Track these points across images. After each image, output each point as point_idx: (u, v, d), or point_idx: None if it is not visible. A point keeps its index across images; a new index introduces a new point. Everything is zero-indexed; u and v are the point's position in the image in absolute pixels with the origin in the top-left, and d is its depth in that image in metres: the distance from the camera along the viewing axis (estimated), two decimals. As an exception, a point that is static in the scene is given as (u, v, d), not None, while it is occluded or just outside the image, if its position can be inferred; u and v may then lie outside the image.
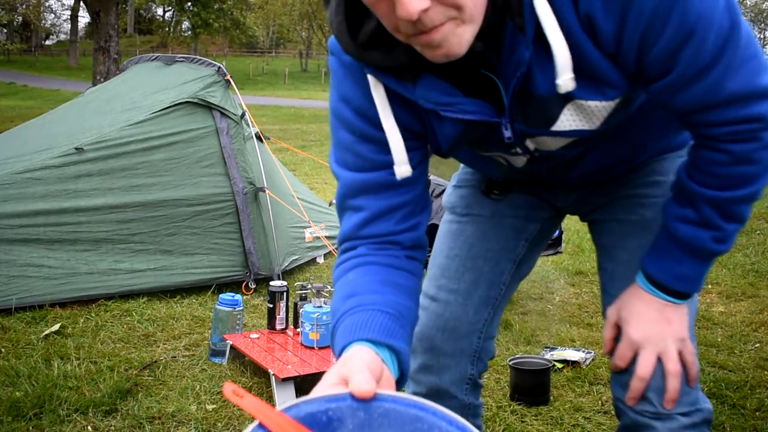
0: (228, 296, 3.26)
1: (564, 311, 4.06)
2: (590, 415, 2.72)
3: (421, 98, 1.06)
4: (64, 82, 31.14)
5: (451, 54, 0.95)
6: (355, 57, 1.04)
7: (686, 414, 1.23)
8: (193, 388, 2.85)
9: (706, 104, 1.03)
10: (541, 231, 1.50)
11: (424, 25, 0.91)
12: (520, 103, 1.06)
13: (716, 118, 1.04)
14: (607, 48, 0.98)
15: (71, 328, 3.47)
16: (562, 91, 1.00)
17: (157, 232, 4.06)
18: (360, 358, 0.91)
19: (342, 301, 1.07)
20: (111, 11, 15.68)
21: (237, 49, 54.86)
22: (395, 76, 1.05)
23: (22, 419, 2.53)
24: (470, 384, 1.49)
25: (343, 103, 1.13)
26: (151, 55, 5.16)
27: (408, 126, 1.12)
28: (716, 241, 1.14)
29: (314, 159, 8.78)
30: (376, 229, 1.15)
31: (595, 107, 1.05)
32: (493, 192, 1.43)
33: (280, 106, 22.15)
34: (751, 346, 3.49)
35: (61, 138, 4.25)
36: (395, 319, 1.03)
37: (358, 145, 1.13)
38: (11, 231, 3.71)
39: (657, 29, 0.95)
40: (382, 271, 1.12)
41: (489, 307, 1.46)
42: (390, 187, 1.13)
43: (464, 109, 1.06)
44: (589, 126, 1.09)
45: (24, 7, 43.11)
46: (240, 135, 4.34)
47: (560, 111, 1.06)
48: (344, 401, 0.80)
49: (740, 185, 1.09)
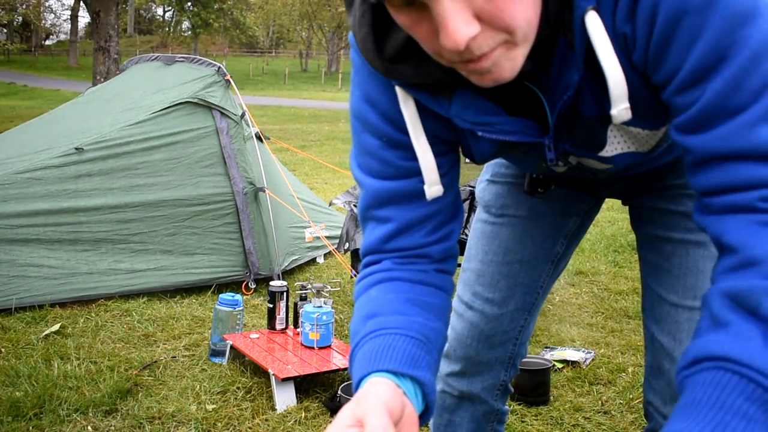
0: (228, 296, 3.26)
1: (564, 311, 4.06)
2: (590, 415, 2.72)
3: (456, 117, 0.95)
4: (64, 82, 31.14)
5: (501, 79, 0.83)
6: (383, 74, 0.92)
7: None
8: (193, 388, 2.85)
9: (730, 153, 0.80)
10: (581, 224, 1.43)
11: (472, 54, 0.78)
12: (566, 124, 0.96)
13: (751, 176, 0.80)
14: (641, 67, 0.85)
15: (71, 328, 3.47)
16: (617, 122, 0.88)
17: (157, 232, 4.06)
18: (377, 397, 0.79)
19: (362, 322, 0.96)
20: (111, 11, 15.68)
21: (237, 49, 54.88)
22: (429, 92, 0.94)
23: (22, 419, 2.53)
24: (501, 390, 1.47)
25: (367, 105, 1.01)
26: (151, 55, 5.16)
27: (440, 135, 1.01)
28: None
29: (314, 159, 8.77)
30: (405, 242, 1.03)
31: (638, 134, 0.95)
32: (537, 190, 1.31)
33: (280, 106, 22.15)
34: (751, 346, 3.48)
35: (61, 138, 4.25)
36: (421, 344, 0.92)
37: (385, 151, 1.01)
38: (11, 231, 3.71)
39: (684, 43, 0.80)
40: (407, 288, 1.00)
41: (525, 312, 1.42)
42: (419, 196, 1.01)
43: (504, 130, 0.95)
44: (640, 149, 0.98)
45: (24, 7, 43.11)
46: (240, 135, 4.34)
47: (605, 134, 0.96)
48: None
49: None
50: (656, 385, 1.24)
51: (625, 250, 5.43)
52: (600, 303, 4.21)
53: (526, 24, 0.78)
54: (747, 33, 0.77)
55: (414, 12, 0.78)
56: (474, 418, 1.48)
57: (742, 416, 0.70)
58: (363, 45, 0.90)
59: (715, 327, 0.77)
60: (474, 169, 4.44)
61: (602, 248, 5.54)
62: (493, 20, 0.76)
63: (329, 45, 44.50)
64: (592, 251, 5.42)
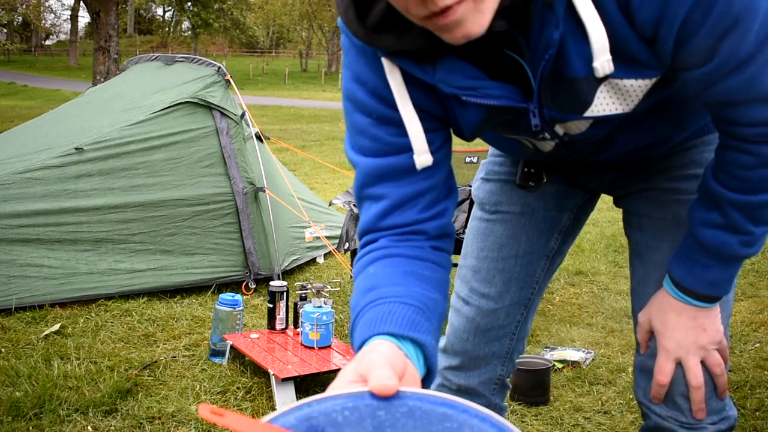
0: (228, 296, 3.26)
1: (564, 311, 4.06)
2: (590, 415, 2.72)
3: (441, 82, 0.98)
4: (64, 82, 31.13)
5: (470, 34, 0.86)
6: (366, 42, 0.96)
7: (714, 423, 1.21)
8: (193, 388, 2.85)
9: (739, 100, 0.96)
10: (575, 220, 1.45)
11: (436, 5, 0.82)
12: (550, 88, 0.99)
13: (747, 116, 0.97)
14: (644, 32, 0.92)
15: (71, 328, 3.47)
16: (600, 74, 0.94)
17: (157, 232, 4.06)
18: (380, 353, 0.81)
19: (361, 295, 0.98)
20: (111, 11, 15.69)
21: (237, 49, 54.88)
22: (413, 59, 0.97)
23: (22, 419, 2.53)
24: (498, 384, 1.49)
25: (357, 84, 1.04)
26: (151, 55, 5.16)
27: (428, 109, 1.04)
28: (744, 245, 1.08)
29: (314, 159, 8.77)
30: (399, 219, 1.05)
31: (630, 86, 0.98)
32: (529, 183, 1.35)
33: (280, 106, 22.14)
34: (751, 346, 3.48)
35: (61, 138, 4.25)
36: (420, 311, 0.94)
37: (375, 128, 1.04)
38: (11, 231, 3.71)
39: (698, 18, 0.89)
40: (405, 263, 1.02)
41: (521, 307, 1.44)
42: (412, 172, 1.04)
43: (488, 94, 0.98)
44: (623, 108, 1.02)
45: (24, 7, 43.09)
46: (240, 135, 4.34)
47: (594, 93, 0.99)
48: (362, 400, 0.72)
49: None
50: (643, 384, 1.26)
51: (625, 250, 5.42)
52: (600, 303, 4.21)
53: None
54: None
55: None
56: None
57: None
58: (346, 17, 0.94)
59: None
60: (473, 169, 4.44)
61: (602, 248, 5.54)
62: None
63: (329, 45, 44.48)
64: (592, 251, 5.42)
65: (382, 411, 0.71)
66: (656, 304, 1.20)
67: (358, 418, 0.71)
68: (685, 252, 1.13)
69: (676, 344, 1.17)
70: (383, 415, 0.71)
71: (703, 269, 1.11)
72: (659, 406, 1.23)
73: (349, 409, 0.72)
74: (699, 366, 1.17)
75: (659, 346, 1.19)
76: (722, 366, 1.18)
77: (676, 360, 1.18)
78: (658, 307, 1.19)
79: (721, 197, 1.06)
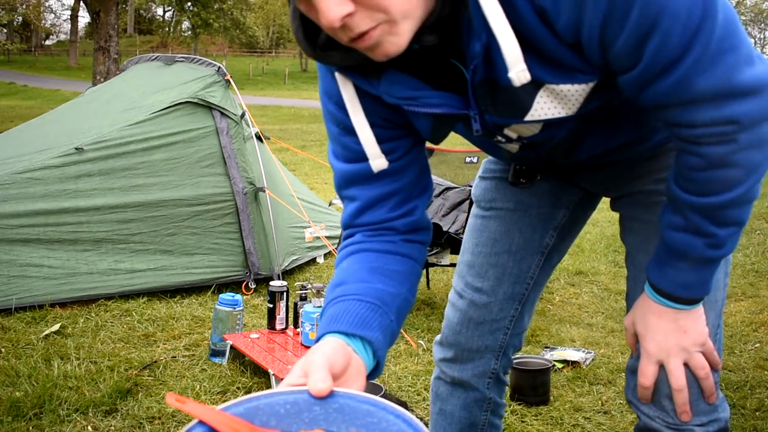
0: (228, 296, 3.26)
1: (564, 311, 4.06)
2: (590, 415, 2.72)
3: (384, 94, 1.04)
4: (64, 82, 31.13)
5: (388, 54, 0.92)
6: (316, 60, 1.03)
7: (702, 425, 1.21)
8: (193, 388, 2.85)
9: (675, 102, 0.95)
10: (572, 217, 1.46)
11: (351, 31, 0.88)
12: (488, 94, 1.02)
13: (687, 117, 0.96)
14: (566, 39, 0.93)
15: (71, 328, 3.47)
16: (516, 84, 0.95)
17: (157, 232, 4.06)
18: (322, 353, 0.91)
19: (331, 289, 1.10)
20: (111, 11, 15.69)
21: (237, 49, 54.87)
22: (361, 73, 1.03)
23: (22, 419, 2.53)
24: (492, 378, 1.51)
25: (325, 97, 1.14)
26: (151, 55, 5.16)
27: (388, 117, 1.11)
28: (711, 247, 1.07)
29: (314, 159, 8.78)
30: (370, 218, 1.15)
31: (568, 91, 0.99)
32: (520, 181, 1.39)
33: (280, 106, 22.15)
34: (751, 346, 3.49)
35: (61, 138, 4.25)
36: (375, 308, 1.04)
37: (343, 137, 1.13)
38: (11, 231, 3.71)
39: (616, 23, 0.89)
40: (374, 258, 1.12)
41: (515, 302, 1.46)
42: (377, 176, 1.13)
43: (428, 103, 1.03)
44: (566, 112, 1.03)
45: (24, 7, 43.10)
46: (240, 135, 4.34)
47: (533, 98, 1.00)
48: (302, 396, 0.86)
49: (722, 190, 1.01)
50: (632, 384, 1.27)
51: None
52: (600, 303, 4.21)
53: (403, 3, 0.87)
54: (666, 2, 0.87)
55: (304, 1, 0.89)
56: (466, 404, 1.52)
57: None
58: (296, 36, 1.00)
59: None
60: (474, 169, 4.44)
61: (602, 248, 5.54)
62: (366, 1, 0.86)
63: (329, 45, 44.34)
64: (592, 251, 5.42)
65: (318, 406, 0.85)
66: (639, 307, 1.21)
67: (297, 411, 0.85)
68: (659, 255, 1.14)
69: (656, 347, 1.18)
70: (318, 410, 0.85)
71: (676, 272, 1.12)
72: (647, 407, 1.24)
73: (290, 403, 0.85)
74: (680, 368, 1.17)
75: (642, 349, 1.21)
76: (706, 369, 1.17)
77: (658, 362, 1.19)
78: (641, 311, 1.20)
79: (680, 200, 1.06)
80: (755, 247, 5.64)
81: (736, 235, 1.08)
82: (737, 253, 5.40)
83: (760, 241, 5.84)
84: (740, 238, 1.13)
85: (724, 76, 0.91)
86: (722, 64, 0.91)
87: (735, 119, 0.94)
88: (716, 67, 0.91)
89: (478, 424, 1.54)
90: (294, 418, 0.85)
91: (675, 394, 1.18)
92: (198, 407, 0.82)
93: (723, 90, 0.92)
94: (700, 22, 0.88)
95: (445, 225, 4.02)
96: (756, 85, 0.93)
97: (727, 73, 0.91)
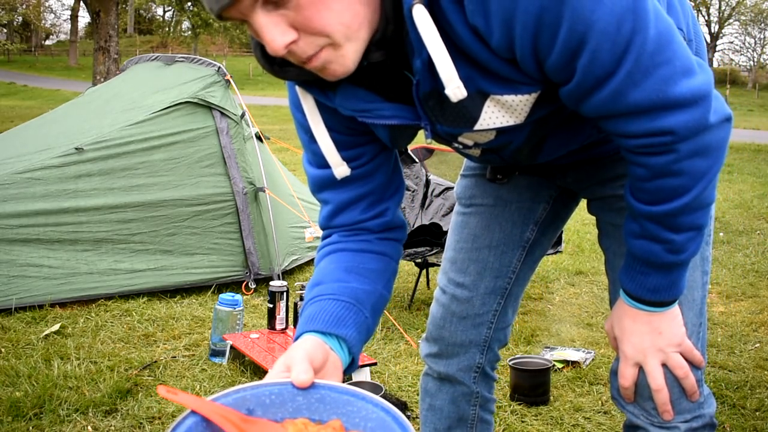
0: (228, 296, 3.26)
1: (564, 311, 4.06)
2: (590, 415, 2.72)
3: (340, 106, 1.08)
4: (64, 82, 31.12)
5: (336, 74, 0.96)
6: (275, 75, 1.06)
7: (687, 421, 1.22)
8: (193, 388, 2.85)
9: (612, 113, 0.97)
10: (552, 211, 1.47)
11: (298, 56, 0.93)
12: (437, 105, 1.04)
13: (625, 129, 0.98)
14: (502, 54, 0.94)
15: (71, 328, 3.47)
16: (454, 100, 0.97)
17: (157, 232, 4.06)
18: (302, 349, 0.98)
19: (310, 288, 1.16)
20: (111, 11, 15.68)
21: (237, 49, 54.87)
22: (318, 87, 1.08)
23: (22, 419, 2.53)
24: (479, 372, 1.52)
25: (294, 107, 1.18)
26: (151, 55, 5.16)
27: (351, 126, 1.14)
28: (670, 252, 1.09)
29: (314, 159, 8.76)
30: (343, 220, 1.21)
31: (512, 101, 1.01)
32: (497, 177, 1.42)
33: (280, 106, 22.14)
34: (751, 346, 3.49)
35: (61, 138, 4.25)
36: (349, 306, 1.10)
37: (312, 144, 1.18)
38: (11, 231, 3.71)
39: (546, 41, 0.90)
40: (349, 258, 1.18)
41: (497, 296, 1.48)
42: (346, 181, 1.18)
43: (380, 114, 1.07)
44: (514, 120, 1.04)
45: (24, 7, 43.09)
46: (240, 135, 4.34)
47: (481, 108, 1.02)
48: (286, 387, 0.92)
49: (671, 198, 1.02)
50: (616, 384, 1.28)
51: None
52: (600, 303, 4.21)
53: (343, 27, 0.91)
54: (596, 17, 0.88)
55: (250, 26, 0.92)
56: (454, 399, 1.54)
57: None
58: (255, 54, 1.03)
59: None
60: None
61: (602, 248, 5.53)
62: (307, 28, 0.90)
63: (329, 45, 44.40)
64: (592, 251, 5.42)
65: (300, 397, 0.91)
66: (615, 311, 1.23)
67: (281, 401, 0.91)
68: (627, 261, 1.16)
69: (633, 349, 1.20)
70: (301, 400, 0.91)
71: (643, 276, 1.14)
72: (631, 405, 1.26)
73: (275, 394, 0.91)
74: (658, 369, 1.18)
75: (620, 352, 1.23)
76: (684, 368, 1.18)
77: (636, 364, 1.21)
78: (617, 315, 1.22)
79: (634, 209, 1.08)
80: (755, 247, 5.63)
81: (695, 239, 1.09)
82: (737, 253, 5.40)
83: (760, 241, 5.84)
84: (740, 238, 1.13)
85: (658, 88, 0.92)
86: (655, 77, 0.92)
87: (670, 130, 0.95)
88: (649, 80, 0.92)
89: (467, 419, 1.56)
90: (279, 408, 0.91)
91: (654, 395, 1.20)
92: (189, 398, 0.86)
93: (657, 102, 0.93)
94: (630, 37, 0.89)
95: (444, 225, 4.02)
96: (692, 96, 0.94)
97: (661, 86, 0.92)
